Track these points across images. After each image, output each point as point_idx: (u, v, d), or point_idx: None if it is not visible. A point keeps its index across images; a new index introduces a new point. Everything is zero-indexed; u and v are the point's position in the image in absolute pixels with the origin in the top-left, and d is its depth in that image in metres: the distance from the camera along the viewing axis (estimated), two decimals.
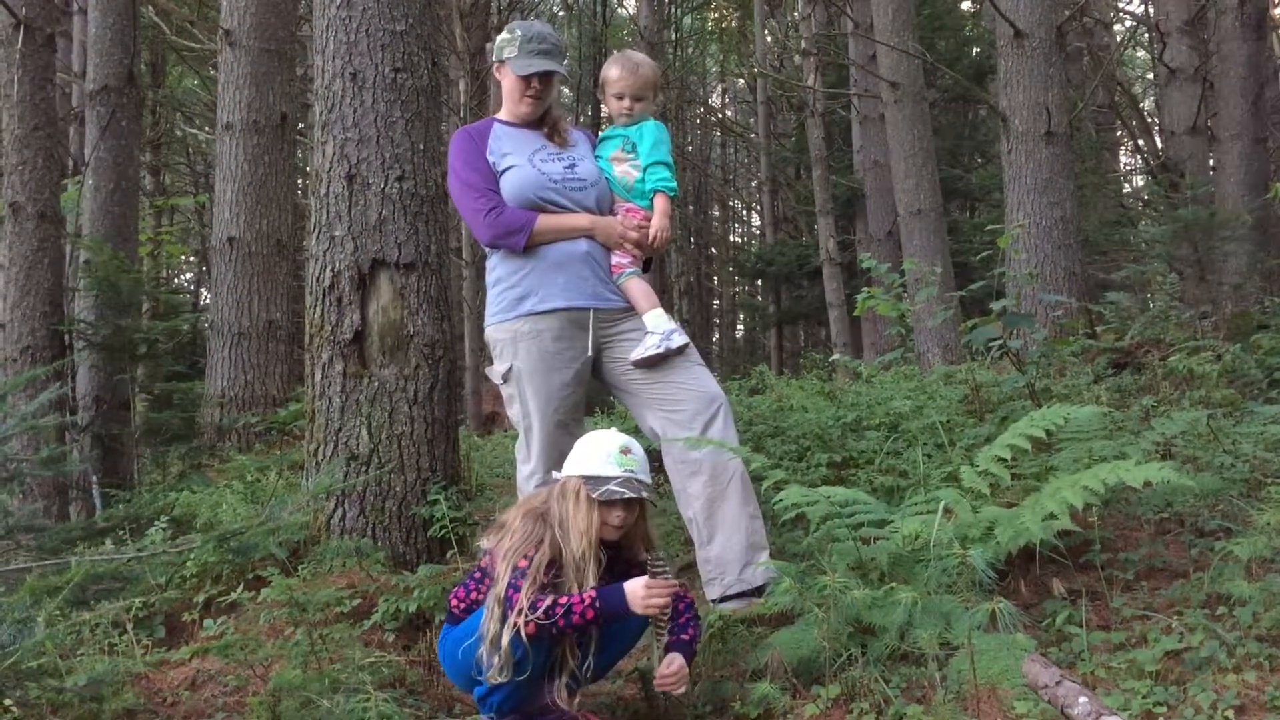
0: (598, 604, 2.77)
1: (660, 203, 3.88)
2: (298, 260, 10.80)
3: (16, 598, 2.56)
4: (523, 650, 2.75)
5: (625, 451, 2.98)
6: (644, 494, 2.94)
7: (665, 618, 2.95)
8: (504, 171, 3.77)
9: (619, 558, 3.03)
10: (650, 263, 4.01)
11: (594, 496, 2.89)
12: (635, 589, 2.80)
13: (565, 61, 4.00)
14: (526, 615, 2.73)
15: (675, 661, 2.90)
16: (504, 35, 3.91)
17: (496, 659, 2.75)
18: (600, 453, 2.98)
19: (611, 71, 3.97)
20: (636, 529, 3.02)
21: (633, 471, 2.94)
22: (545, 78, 3.85)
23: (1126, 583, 3.28)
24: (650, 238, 3.84)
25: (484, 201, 3.74)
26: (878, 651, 2.93)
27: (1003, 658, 2.65)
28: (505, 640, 2.73)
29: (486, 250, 3.90)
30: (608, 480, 2.91)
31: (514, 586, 2.79)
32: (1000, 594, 2.98)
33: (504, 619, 2.76)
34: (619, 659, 3.16)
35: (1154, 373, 5.82)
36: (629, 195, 3.90)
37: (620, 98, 3.94)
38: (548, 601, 2.75)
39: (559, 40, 3.93)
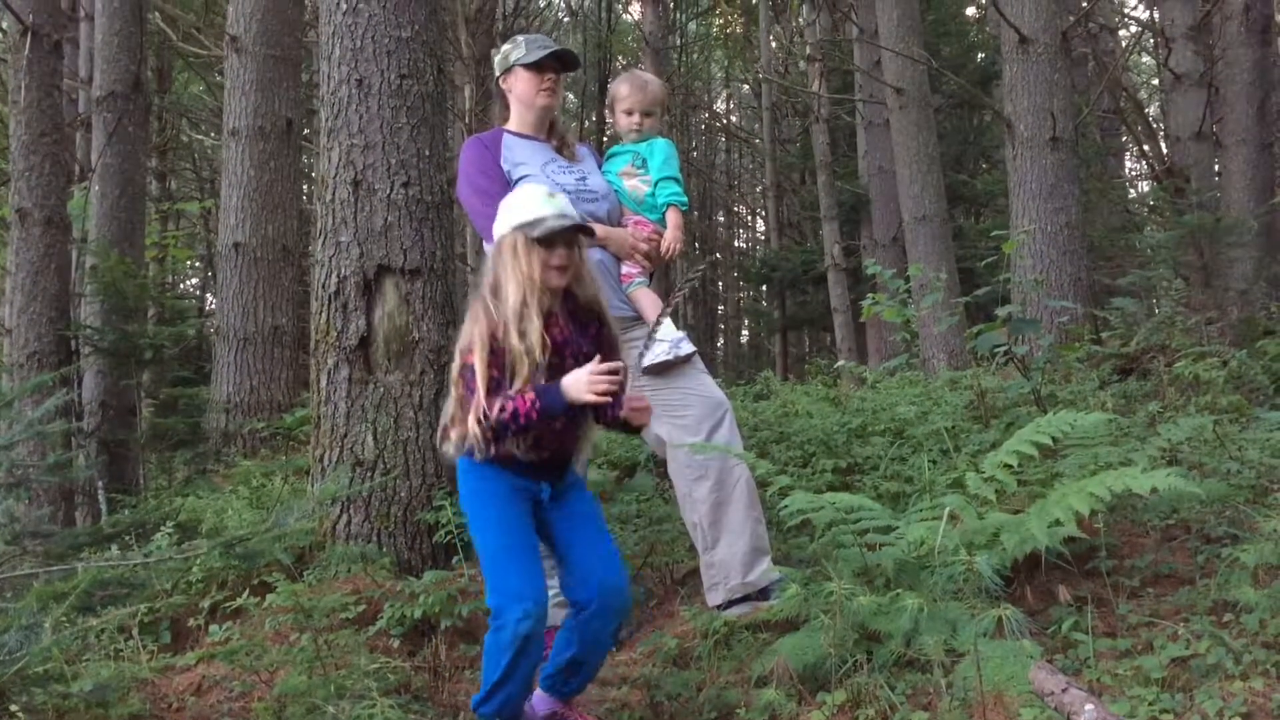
0: (538, 404, 2.75)
1: (673, 216, 3.95)
2: (303, 266, 10.82)
3: (23, 603, 2.56)
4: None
5: (550, 195, 2.94)
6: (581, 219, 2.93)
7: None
8: (518, 180, 3.78)
9: (578, 307, 2.98)
10: (653, 275, 4.05)
11: (534, 235, 2.83)
12: (578, 377, 2.76)
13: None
14: (485, 422, 2.75)
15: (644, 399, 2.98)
16: (505, 47, 3.96)
17: (466, 438, 2.80)
18: (527, 201, 2.93)
19: (621, 89, 4.06)
20: (580, 270, 2.96)
21: (561, 208, 2.90)
22: (556, 70, 3.88)
23: (1133, 589, 3.28)
24: (664, 250, 3.90)
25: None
26: (883, 658, 2.92)
27: (1009, 664, 2.64)
28: (474, 430, 2.76)
29: None
30: (544, 220, 2.85)
31: (469, 388, 2.80)
32: (1006, 601, 2.98)
33: (463, 402, 2.82)
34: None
35: (1160, 379, 5.81)
36: (639, 209, 3.97)
37: (630, 113, 4.02)
38: (498, 406, 2.74)
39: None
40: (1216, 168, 11.63)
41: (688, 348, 3.75)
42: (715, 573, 3.66)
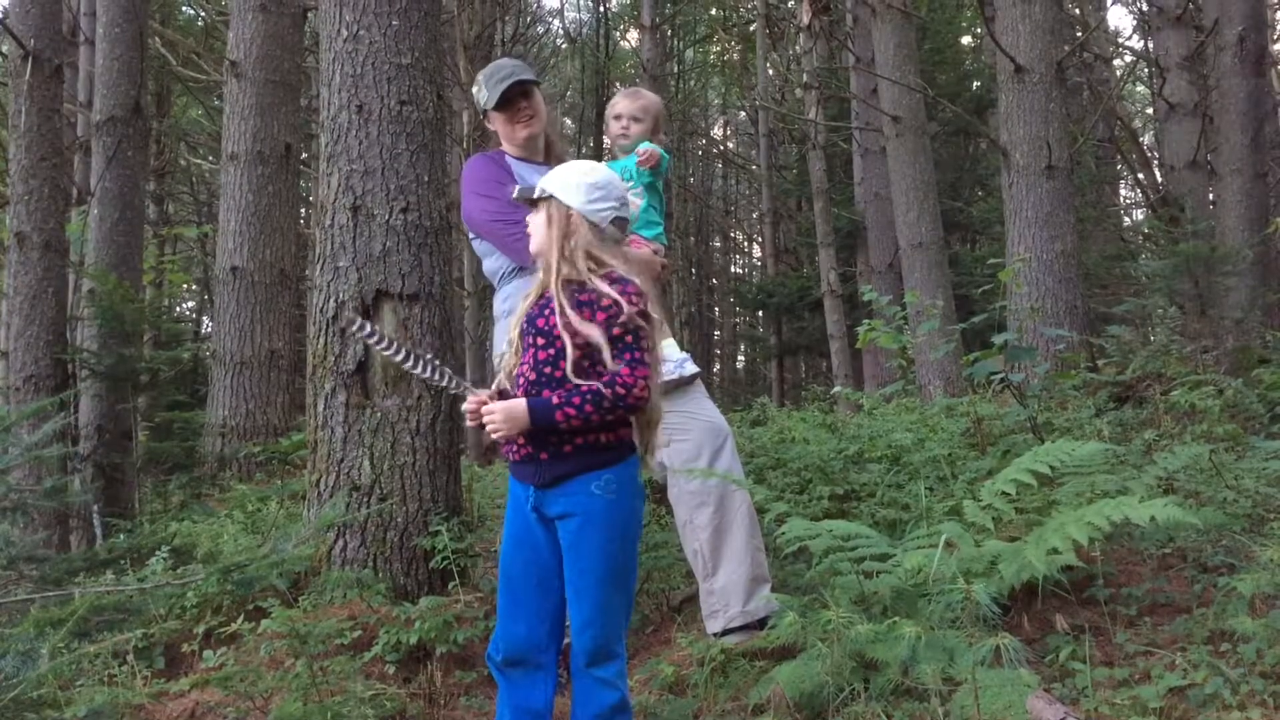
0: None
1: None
2: (301, 290, 10.84)
3: (20, 629, 2.55)
4: None
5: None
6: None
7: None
8: None
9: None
10: None
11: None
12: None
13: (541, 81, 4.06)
14: None
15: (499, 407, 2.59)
16: (473, 90, 3.99)
17: None
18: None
19: (615, 99, 4.13)
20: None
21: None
22: (522, 95, 3.88)
23: (1130, 618, 3.28)
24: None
25: (523, 226, 3.76)
26: (880, 686, 2.92)
27: (1006, 693, 2.64)
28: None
29: (494, 280, 3.90)
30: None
31: None
32: (1003, 629, 2.97)
33: None
34: None
35: (1156, 407, 5.83)
36: (632, 227, 3.95)
37: (618, 118, 4.04)
38: None
39: (519, 63, 3.96)
40: (1211, 197, 11.68)
41: (691, 369, 3.74)
42: (716, 600, 3.64)
